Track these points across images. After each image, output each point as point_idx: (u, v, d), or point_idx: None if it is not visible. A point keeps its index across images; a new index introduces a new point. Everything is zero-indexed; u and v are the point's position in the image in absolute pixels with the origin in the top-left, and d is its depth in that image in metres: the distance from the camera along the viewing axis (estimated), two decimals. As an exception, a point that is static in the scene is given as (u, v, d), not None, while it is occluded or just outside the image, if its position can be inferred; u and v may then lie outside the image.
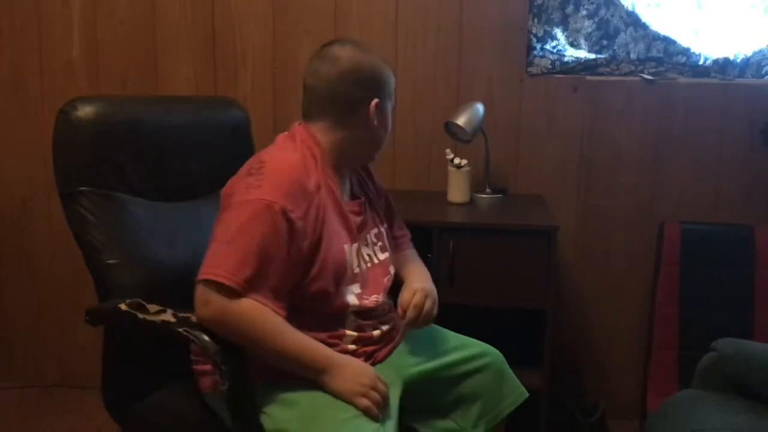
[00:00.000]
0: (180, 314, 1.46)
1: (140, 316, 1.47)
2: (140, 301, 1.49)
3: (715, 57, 2.55)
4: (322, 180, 1.57)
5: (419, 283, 1.69)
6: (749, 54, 2.55)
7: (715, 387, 1.89)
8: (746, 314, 2.44)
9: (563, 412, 2.51)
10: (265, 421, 1.48)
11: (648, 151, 2.58)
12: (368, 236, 1.70)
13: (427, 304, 1.63)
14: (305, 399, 1.47)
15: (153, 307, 1.48)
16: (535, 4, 2.55)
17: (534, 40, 2.59)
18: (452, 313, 1.84)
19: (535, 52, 2.59)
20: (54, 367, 2.96)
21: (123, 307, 1.48)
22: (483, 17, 2.57)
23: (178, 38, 2.70)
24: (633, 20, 2.56)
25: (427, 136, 2.63)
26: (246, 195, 1.46)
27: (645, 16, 2.56)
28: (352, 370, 1.49)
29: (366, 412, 1.43)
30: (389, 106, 1.69)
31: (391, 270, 1.75)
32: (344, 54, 1.62)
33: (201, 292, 1.41)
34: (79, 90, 2.75)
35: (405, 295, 1.64)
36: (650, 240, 2.60)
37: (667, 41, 2.57)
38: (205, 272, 1.41)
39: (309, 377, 1.47)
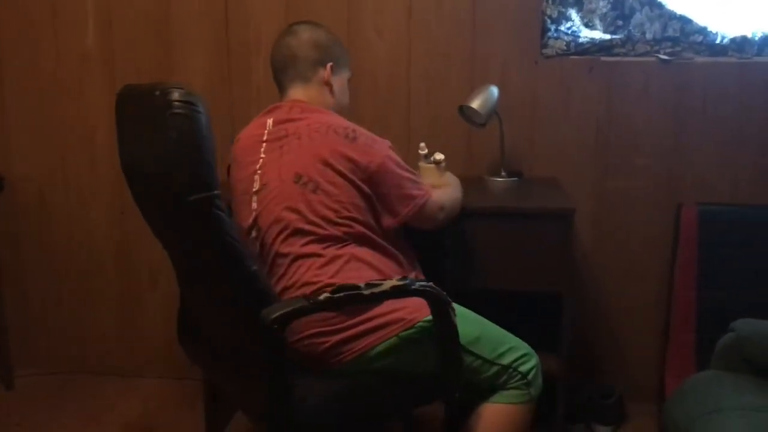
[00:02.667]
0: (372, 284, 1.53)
1: (366, 292, 1.50)
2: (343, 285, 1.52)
3: (732, 35, 2.52)
4: None
5: None
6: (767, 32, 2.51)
7: (733, 367, 1.89)
8: (765, 296, 2.41)
9: (581, 395, 2.51)
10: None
11: (665, 133, 2.56)
12: None
13: None
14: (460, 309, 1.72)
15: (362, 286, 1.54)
16: (549, -16, 2.54)
17: (548, 21, 2.56)
18: (468, 297, 1.84)
19: (550, 34, 2.57)
20: (74, 355, 2.99)
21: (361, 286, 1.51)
22: (496, -1, 2.55)
23: (192, 28, 2.70)
24: (648, 0, 2.53)
25: (442, 120, 2.62)
26: (383, 149, 1.83)
27: (661, -5, 2.53)
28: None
29: None
30: (345, 75, 2.02)
31: None
32: (302, 28, 1.96)
33: (430, 207, 1.89)
34: (95, 80, 2.77)
35: None
36: (668, 222, 2.58)
37: (684, 20, 2.54)
38: (422, 195, 1.86)
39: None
